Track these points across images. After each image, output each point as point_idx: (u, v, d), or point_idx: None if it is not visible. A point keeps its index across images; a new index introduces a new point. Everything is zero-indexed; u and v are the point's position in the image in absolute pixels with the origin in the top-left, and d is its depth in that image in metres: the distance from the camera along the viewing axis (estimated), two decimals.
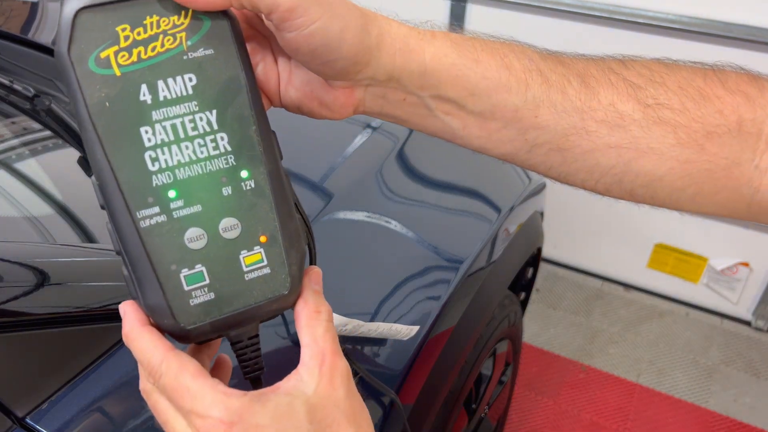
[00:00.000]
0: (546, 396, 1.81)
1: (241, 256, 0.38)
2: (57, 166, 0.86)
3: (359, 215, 0.95)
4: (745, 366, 1.94)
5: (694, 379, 1.89)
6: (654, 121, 0.43)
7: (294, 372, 0.37)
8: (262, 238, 0.38)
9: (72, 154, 0.84)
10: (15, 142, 0.85)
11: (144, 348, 0.36)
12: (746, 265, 1.97)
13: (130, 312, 0.38)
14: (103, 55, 0.35)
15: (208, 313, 0.37)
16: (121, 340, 0.60)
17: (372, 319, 0.81)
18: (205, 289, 0.37)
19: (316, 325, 0.38)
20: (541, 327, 2.04)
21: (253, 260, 0.38)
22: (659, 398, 1.82)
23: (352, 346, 0.77)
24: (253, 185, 0.38)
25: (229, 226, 0.37)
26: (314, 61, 0.39)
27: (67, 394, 0.54)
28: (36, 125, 0.87)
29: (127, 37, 0.36)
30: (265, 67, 0.43)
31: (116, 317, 0.61)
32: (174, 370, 0.35)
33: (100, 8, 0.35)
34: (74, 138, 0.85)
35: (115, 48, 0.35)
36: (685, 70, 0.45)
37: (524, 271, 1.40)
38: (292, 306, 0.40)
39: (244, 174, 0.38)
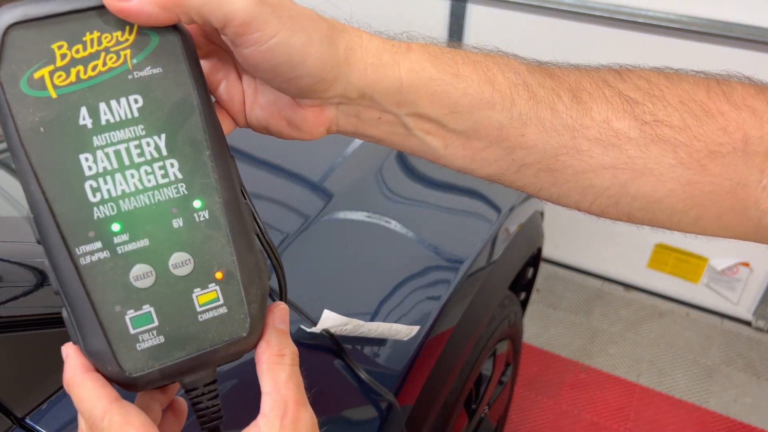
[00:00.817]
0: (546, 396, 1.81)
1: (194, 295, 0.35)
2: None
3: (359, 215, 0.95)
4: (745, 366, 1.94)
5: (694, 380, 1.89)
6: (652, 139, 0.40)
7: (253, 424, 0.34)
8: (218, 275, 0.35)
9: None
10: None
11: (85, 398, 0.33)
12: (746, 265, 1.97)
13: (72, 356, 0.34)
14: (36, 75, 0.32)
15: (157, 358, 0.34)
16: None
17: (372, 319, 0.81)
18: (154, 332, 0.34)
19: (278, 370, 0.35)
20: (541, 327, 2.04)
21: (208, 299, 0.35)
22: (659, 398, 1.82)
23: (351, 347, 0.77)
24: (207, 216, 0.35)
25: (180, 262, 0.34)
26: (276, 78, 0.36)
27: (66, 394, 0.54)
28: None
29: (64, 56, 0.33)
30: (228, 85, 0.40)
31: None
32: (116, 425, 0.32)
33: (33, 23, 0.32)
34: None
35: (51, 67, 0.32)
36: (686, 82, 0.42)
37: (524, 271, 1.40)
38: (253, 348, 0.37)
39: (197, 204, 0.35)
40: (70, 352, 0.34)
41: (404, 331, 0.81)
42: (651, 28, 1.75)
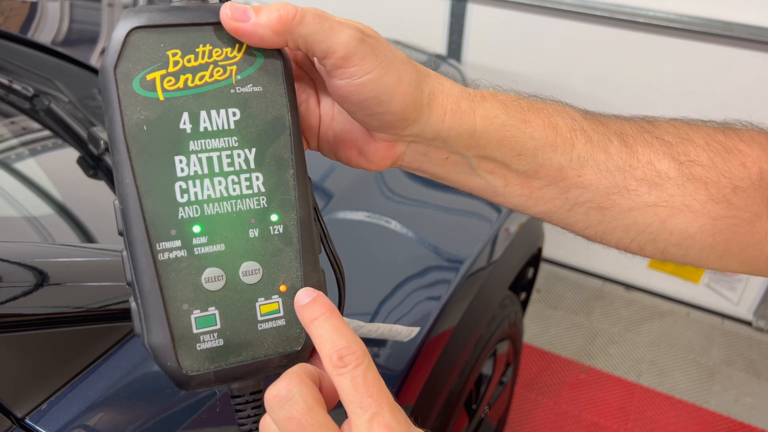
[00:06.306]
0: (546, 396, 1.80)
1: (257, 304, 0.36)
2: (56, 166, 0.86)
3: (359, 215, 0.95)
4: (745, 366, 1.94)
5: (694, 380, 1.89)
6: (687, 178, 0.44)
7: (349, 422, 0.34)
8: (282, 287, 0.36)
9: (71, 154, 0.84)
10: (15, 142, 0.85)
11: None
12: None
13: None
14: (149, 77, 0.34)
15: (213, 360, 0.35)
16: (120, 340, 0.59)
17: (372, 320, 0.81)
18: (215, 335, 0.35)
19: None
20: (541, 327, 2.04)
21: (269, 309, 0.36)
22: (660, 398, 1.82)
23: None
24: (281, 230, 0.37)
25: (250, 270, 0.36)
26: (362, 111, 0.38)
27: (66, 395, 0.54)
28: (36, 125, 0.87)
29: (176, 63, 0.35)
30: (306, 109, 0.42)
31: (116, 317, 0.61)
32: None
33: (154, 29, 0.34)
34: (73, 138, 0.84)
35: (163, 72, 0.34)
36: (705, 127, 0.46)
37: (525, 271, 1.40)
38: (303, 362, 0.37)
39: (274, 218, 0.36)
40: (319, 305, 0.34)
41: (404, 333, 0.81)
42: (651, 28, 1.75)
